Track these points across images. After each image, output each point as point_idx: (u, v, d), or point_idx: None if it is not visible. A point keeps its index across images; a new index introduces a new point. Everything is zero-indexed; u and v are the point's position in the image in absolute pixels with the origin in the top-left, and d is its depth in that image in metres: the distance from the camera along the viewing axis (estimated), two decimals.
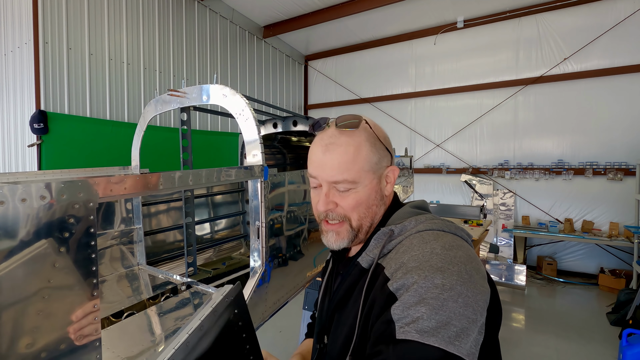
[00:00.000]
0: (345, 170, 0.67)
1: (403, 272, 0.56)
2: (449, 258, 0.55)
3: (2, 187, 0.59)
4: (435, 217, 0.70)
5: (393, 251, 0.65)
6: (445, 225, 0.66)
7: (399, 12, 5.68)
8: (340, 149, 0.67)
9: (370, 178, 0.69)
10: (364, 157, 0.68)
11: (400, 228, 0.67)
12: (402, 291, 0.54)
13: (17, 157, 3.45)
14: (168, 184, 0.93)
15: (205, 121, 5.18)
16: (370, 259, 0.67)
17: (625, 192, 4.84)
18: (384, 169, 0.71)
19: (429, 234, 0.62)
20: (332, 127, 0.71)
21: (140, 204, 1.98)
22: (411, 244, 0.61)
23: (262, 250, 1.32)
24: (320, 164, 0.69)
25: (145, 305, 1.56)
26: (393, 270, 0.59)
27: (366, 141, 0.69)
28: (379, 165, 0.70)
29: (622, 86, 4.87)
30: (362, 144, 0.68)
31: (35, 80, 3.20)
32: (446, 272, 0.53)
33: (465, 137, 6.08)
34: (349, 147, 0.67)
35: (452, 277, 0.52)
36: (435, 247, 0.58)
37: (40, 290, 0.64)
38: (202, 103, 1.54)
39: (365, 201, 0.69)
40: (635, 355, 2.45)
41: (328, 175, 0.68)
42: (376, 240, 0.68)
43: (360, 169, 0.67)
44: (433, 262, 0.54)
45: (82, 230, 0.69)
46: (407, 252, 0.59)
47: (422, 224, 0.66)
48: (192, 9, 4.89)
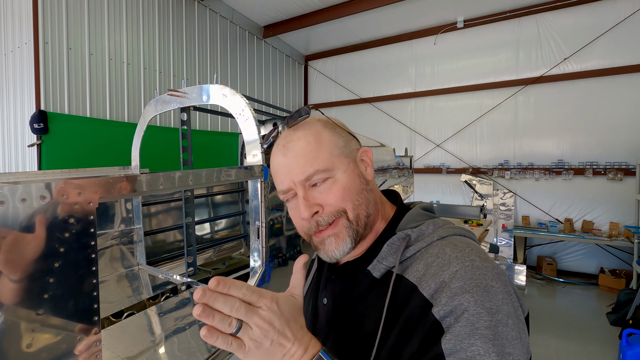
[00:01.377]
0: (313, 159, 0.59)
1: (448, 297, 0.49)
2: (490, 271, 0.51)
3: (2, 187, 0.59)
4: (448, 221, 0.64)
5: (415, 262, 0.57)
6: (464, 230, 0.62)
7: (399, 12, 5.68)
8: (300, 142, 0.60)
9: (345, 162, 0.61)
10: (327, 141, 0.61)
11: (417, 233, 0.60)
12: (450, 320, 0.48)
13: (17, 157, 3.45)
14: (168, 184, 0.93)
15: (205, 121, 5.18)
16: (385, 267, 0.59)
17: (625, 192, 4.84)
18: (355, 152, 0.64)
19: (459, 241, 0.57)
20: (284, 132, 0.65)
21: (140, 204, 1.98)
22: (444, 254, 0.54)
23: (262, 250, 1.32)
24: (285, 168, 0.61)
25: (145, 305, 1.56)
26: (432, 291, 0.51)
27: (324, 127, 0.62)
28: (349, 148, 0.63)
29: (622, 86, 4.87)
30: (321, 131, 0.62)
31: (35, 80, 3.20)
32: (491, 291, 0.48)
33: (465, 137, 6.08)
34: (308, 137, 0.60)
35: (497, 297, 0.48)
36: (475, 259, 0.52)
37: (40, 290, 0.64)
38: (202, 103, 1.54)
39: (352, 187, 0.60)
40: (635, 355, 2.45)
41: (297, 173, 0.59)
42: (390, 246, 0.60)
43: (330, 154, 0.60)
44: (478, 280, 0.49)
45: (82, 230, 0.69)
46: (445, 267, 0.52)
47: (442, 229, 0.60)
48: (192, 9, 4.89)
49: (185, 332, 1.29)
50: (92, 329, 0.71)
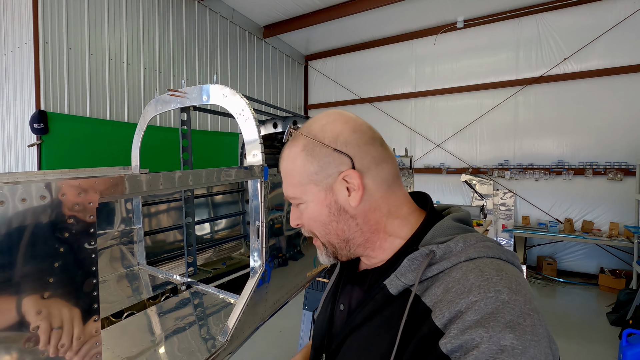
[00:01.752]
0: (286, 185, 0.62)
1: (460, 330, 0.43)
2: (519, 307, 0.43)
3: (2, 187, 0.59)
4: (485, 238, 0.55)
5: (437, 284, 0.51)
6: (502, 251, 0.52)
7: (399, 12, 5.68)
8: (282, 163, 0.63)
9: (313, 191, 0.59)
10: (298, 169, 0.59)
11: (443, 250, 0.52)
12: (458, 354, 0.43)
13: (17, 157, 3.45)
14: (168, 184, 0.93)
15: (205, 121, 5.18)
16: (402, 284, 0.54)
17: (625, 192, 4.84)
18: (334, 177, 0.58)
19: (488, 266, 0.48)
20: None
21: (140, 204, 1.99)
22: (466, 280, 0.47)
23: (262, 250, 1.32)
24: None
25: (145, 305, 1.56)
26: (446, 320, 0.45)
27: (302, 150, 0.59)
28: (322, 175, 0.58)
29: (622, 86, 4.87)
30: (297, 154, 0.60)
31: (35, 80, 3.20)
32: (517, 329, 0.41)
33: (465, 137, 6.08)
34: (287, 161, 0.62)
35: (525, 337, 0.41)
36: (500, 289, 0.44)
37: (41, 290, 0.64)
38: (202, 103, 1.54)
39: (318, 218, 0.60)
40: (635, 355, 2.45)
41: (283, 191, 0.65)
42: (411, 261, 0.54)
43: (298, 183, 0.60)
44: (500, 315, 0.42)
45: (82, 230, 0.69)
46: (464, 296, 0.45)
47: (472, 248, 0.52)
48: (192, 9, 4.89)
49: (185, 332, 1.29)
50: (92, 329, 0.71)
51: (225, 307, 1.47)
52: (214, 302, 1.54)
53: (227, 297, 1.55)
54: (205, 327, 1.33)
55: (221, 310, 1.45)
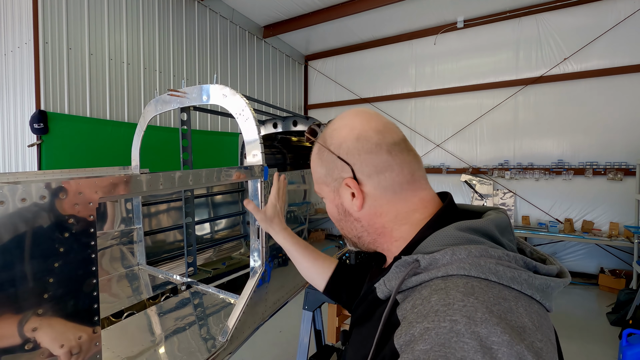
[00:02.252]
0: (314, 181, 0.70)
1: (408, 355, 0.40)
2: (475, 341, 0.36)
3: (2, 187, 0.59)
4: (486, 253, 0.46)
5: (412, 296, 0.48)
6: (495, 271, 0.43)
7: (399, 12, 5.68)
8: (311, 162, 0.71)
9: (325, 191, 0.66)
10: (314, 169, 0.68)
11: (428, 260, 0.49)
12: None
13: (17, 157, 3.45)
14: (168, 184, 0.93)
15: (205, 121, 5.19)
16: (387, 291, 0.53)
17: (625, 192, 4.83)
18: (339, 181, 0.61)
19: (458, 288, 0.42)
20: None
21: (140, 204, 1.99)
22: (428, 302, 0.43)
23: (262, 250, 1.32)
24: None
25: (145, 305, 1.56)
26: (402, 342, 0.42)
27: (316, 153, 0.67)
28: (330, 178, 0.63)
29: (622, 86, 4.87)
30: (314, 156, 0.68)
31: (35, 80, 3.20)
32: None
33: (465, 137, 6.08)
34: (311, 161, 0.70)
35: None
36: (458, 318, 0.38)
37: (40, 290, 0.64)
38: (202, 103, 1.54)
39: (331, 214, 0.69)
40: (635, 355, 2.45)
41: None
42: (398, 268, 0.52)
43: (316, 181, 0.68)
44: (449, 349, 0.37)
45: (82, 230, 0.69)
46: (421, 319, 0.41)
47: (457, 264, 0.46)
48: (192, 9, 4.89)
49: (185, 332, 1.29)
50: (92, 329, 0.71)
51: (225, 307, 1.47)
52: (214, 302, 1.54)
53: (227, 297, 1.55)
54: (205, 327, 1.33)
55: (221, 310, 1.45)
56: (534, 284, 0.44)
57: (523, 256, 0.48)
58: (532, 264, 0.48)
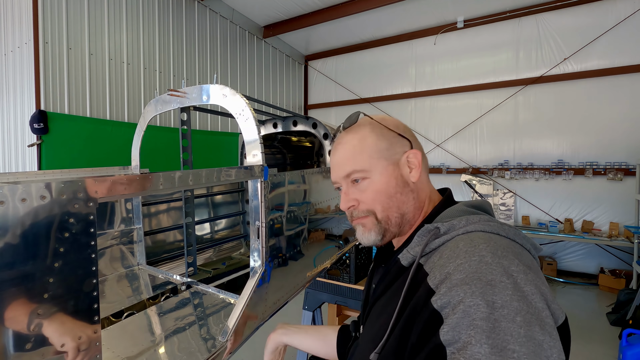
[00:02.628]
0: (353, 160, 0.70)
1: (448, 287, 0.48)
2: (502, 268, 0.47)
3: (2, 187, 0.59)
4: (492, 219, 0.60)
5: (437, 253, 0.58)
6: (503, 229, 0.57)
7: (399, 12, 5.68)
8: (346, 145, 0.72)
9: (383, 165, 0.69)
10: (369, 145, 0.69)
11: (447, 226, 0.60)
12: (447, 310, 0.47)
13: (17, 157, 3.45)
14: (168, 184, 0.93)
15: (205, 121, 5.19)
16: (411, 257, 0.62)
17: (625, 192, 4.83)
18: (400, 155, 0.70)
19: (479, 236, 0.54)
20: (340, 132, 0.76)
21: (140, 204, 1.98)
22: (456, 247, 0.54)
23: (262, 250, 1.32)
24: (333, 165, 0.74)
25: (145, 305, 1.56)
26: (438, 281, 0.51)
27: (370, 132, 0.71)
28: (392, 151, 0.70)
29: (622, 86, 4.87)
30: (366, 135, 0.70)
31: (35, 80, 3.20)
32: (498, 286, 0.45)
33: (465, 137, 6.08)
34: (353, 141, 0.71)
35: (504, 292, 0.45)
36: (485, 254, 0.50)
37: (40, 290, 0.64)
38: (202, 103, 1.54)
39: (385, 190, 0.68)
40: (635, 355, 2.45)
41: (340, 171, 0.72)
42: (419, 237, 0.62)
43: (369, 157, 0.69)
44: (482, 274, 0.47)
45: (82, 230, 0.69)
46: (453, 260, 0.52)
47: (473, 225, 0.58)
48: (192, 9, 4.89)
49: (185, 332, 1.29)
50: (92, 329, 0.71)
51: (225, 307, 1.47)
52: (214, 302, 1.54)
53: (227, 297, 1.55)
54: (205, 327, 1.33)
55: (221, 310, 1.45)
56: (530, 241, 0.59)
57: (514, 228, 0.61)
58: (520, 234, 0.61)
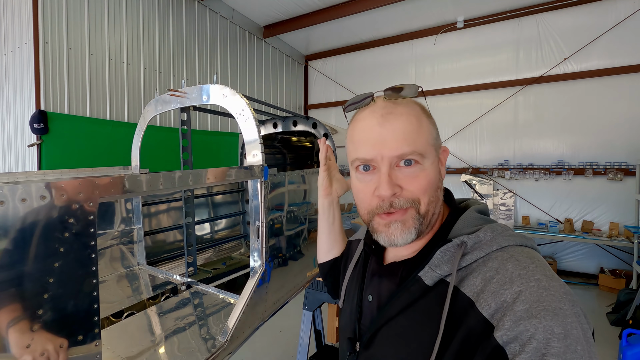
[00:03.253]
0: (413, 140, 0.57)
1: (513, 321, 0.45)
2: (558, 292, 0.47)
3: (2, 187, 0.59)
4: (507, 227, 0.58)
5: (474, 272, 0.53)
6: (525, 238, 0.57)
7: (399, 12, 5.68)
8: (402, 117, 0.58)
9: (433, 155, 0.60)
10: (426, 128, 0.59)
11: (474, 240, 0.55)
12: (515, 346, 0.44)
13: (17, 157, 3.45)
14: (168, 184, 0.93)
15: (205, 121, 5.18)
16: (438, 275, 0.56)
17: (625, 192, 4.83)
18: (439, 148, 0.63)
19: (520, 254, 0.52)
20: (379, 101, 0.62)
21: (140, 204, 1.99)
22: (505, 270, 0.50)
23: (262, 250, 1.32)
24: (380, 138, 0.58)
25: (145, 305, 1.56)
26: (493, 311, 0.48)
27: (423, 113, 0.61)
28: (438, 142, 0.62)
29: (622, 86, 4.86)
30: (421, 115, 0.60)
31: (35, 80, 3.20)
32: (559, 314, 0.44)
33: (465, 137, 6.08)
34: (410, 117, 0.58)
35: (566, 320, 0.44)
36: (539, 277, 0.48)
37: (40, 290, 0.64)
38: (202, 103, 1.54)
39: (434, 182, 0.59)
40: (635, 355, 2.45)
41: (392, 148, 0.57)
42: (444, 253, 0.56)
43: (426, 141, 0.58)
44: (546, 303, 0.45)
45: (82, 230, 0.69)
46: (508, 286, 0.48)
47: (500, 236, 0.55)
48: (192, 9, 4.89)
49: (185, 332, 1.29)
50: (92, 329, 0.71)
51: (225, 307, 1.47)
52: (214, 302, 1.54)
53: (227, 297, 1.55)
54: (205, 327, 1.33)
55: (221, 310, 1.45)
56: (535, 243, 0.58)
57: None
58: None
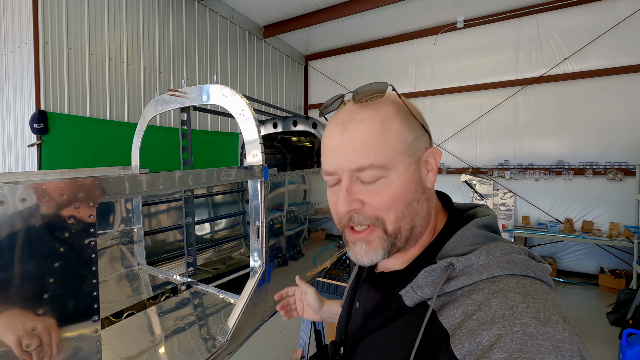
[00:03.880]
0: (371, 151, 0.50)
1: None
2: (545, 342, 0.37)
3: (2, 187, 0.59)
4: (512, 248, 0.49)
5: (456, 302, 0.46)
6: (529, 266, 0.47)
7: (399, 12, 5.68)
8: (363, 124, 0.52)
9: (406, 163, 0.52)
10: (394, 133, 0.51)
11: (464, 263, 0.48)
12: None
13: (17, 157, 3.45)
14: (168, 184, 0.93)
15: (205, 121, 5.18)
16: (418, 298, 0.50)
17: (625, 192, 4.83)
18: (422, 152, 0.54)
19: (512, 288, 0.43)
20: (349, 104, 0.56)
21: (140, 204, 1.99)
22: (488, 307, 0.42)
23: (262, 250, 1.32)
24: (337, 149, 0.53)
25: (145, 305, 1.56)
26: (466, 351, 0.41)
27: (396, 114, 0.53)
28: (416, 147, 0.53)
29: (622, 86, 4.86)
30: (391, 118, 0.52)
31: (35, 80, 3.20)
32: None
33: (465, 137, 6.08)
34: (373, 122, 0.51)
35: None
36: (529, 323, 0.39)
37: (40, 290, 0.64)
38: (202, 103, 1.54)
39: (403, 196, 0.51)
40: (635, 355, 2.45)
41: (348, 161, 0.51)
42: (428, 274, 0.49)
43: (392, 149, 0.51)
44: (529, 355, 0.37)
45: (82, 230, 0.69)
46: (487, 327, 0.40)
47: (496, 263, 0.47)
48: (192, 9, 4.89)
49: (185, 332, 1.29)
50: (92, 329, 0.71)
51: (225, 307, 1.47)
52: (214, 302, 1.54)
53: (227, 297, 1.55)
54: (205, 327, 1.33)
55: (221, 310, 1.45)
56: (546, 273, 0.49)
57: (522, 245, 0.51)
58: (528, 251, 0.51)
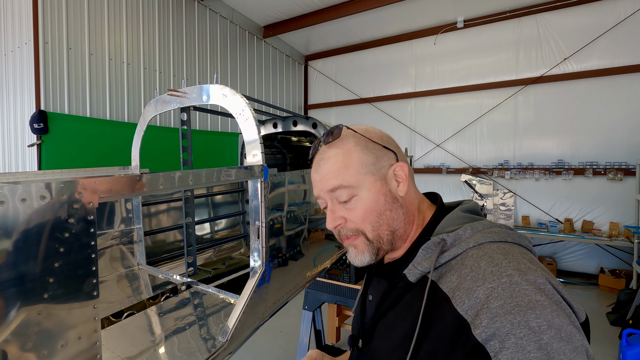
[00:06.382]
0: (338, 175, 0.65)
1: (489, 318, 0.47)
2: (529, 286, 0.47)
3: (2, 187, 0.59)
4: (492, 224, 0.61)
5: (451, 270, 0.56)
6: (507, 234, 0.58)
7: (399, 12, 5.68)
8: (330, 159, 0.67)
9: (371, 181, 0.64)
10: (356, 160, 0.65)
11: (453, 237, 0.59)
12: (494, 344, 0.46)
13: (17, 157, 3.45)
14: (168, 184, 0.93)
15: (205, 121, 5.19)
16: (419, 272, 0.60)
17: (625, 192, 4.83)
18: (387, 169, 0.66)
19: (494, 250, 0.54)
20: (322, 147, 0.71)
21: (140, 204, 1.98)
22: (478, 267, 0.52)
23: (262, 250, 1.32)
24: (316, 180, 0.69)
25: (145, 305, 1.56)
26: (468, 307, 0.50)
27: (355, 145, 0.67)
28: (378, 166, 0.66)
29: (622, 86, 4.87)
30: (351, 149, 0.66)
31: (35, 80, 3.20)
32: (537, 307, 0.46)
33: (465, 137, 6.08)
34: (337, 156, 0.66)
35: (545, 312, 0.45)
36: (511, 272, 0.49)
37: (40, 290, 0.64)
38: (202, 103, 1.54)
39: (374, 208, 0.64)
40: (635, 355, 2.45)
41: (323, 186, 0.67)
42: (425, 250, 0.60)
43: (356, 172, 0.64)
44: (519, 298, 0.46)
45: (82, 230, 0.69)
46: (480, 283, 0.50)
47: (479, 233, 0.58)
48: (192, 9, 4.89)
49: (185, 332, 1.29)
50: (92, 328, 0.71)
51: (225, 307, 1.47)
52: (214, 302, 1.54)
53: (227, 297, 1.55)
54: (205, 327, 1.33)
55: (221, 310, 1.45)
56: (527, 239, 0.60)
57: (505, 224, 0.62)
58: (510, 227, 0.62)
